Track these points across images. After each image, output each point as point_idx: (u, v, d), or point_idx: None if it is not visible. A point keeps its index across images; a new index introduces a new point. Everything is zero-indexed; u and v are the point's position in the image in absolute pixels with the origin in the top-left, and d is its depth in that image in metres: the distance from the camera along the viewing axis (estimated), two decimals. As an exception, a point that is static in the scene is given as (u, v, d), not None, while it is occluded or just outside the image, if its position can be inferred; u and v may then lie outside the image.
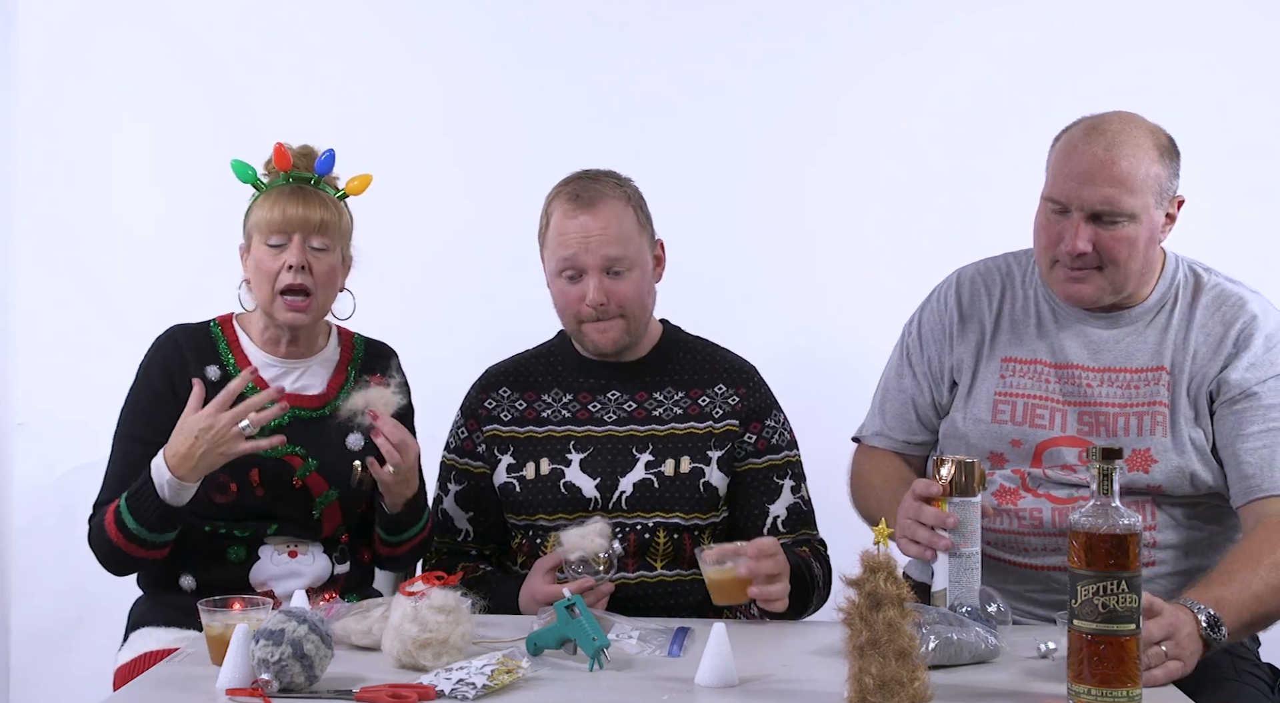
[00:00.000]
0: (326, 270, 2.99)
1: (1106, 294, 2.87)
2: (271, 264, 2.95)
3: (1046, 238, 2.88)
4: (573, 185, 3.12)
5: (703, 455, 3.10)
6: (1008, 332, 3.02)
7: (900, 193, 4.14)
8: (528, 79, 4.21)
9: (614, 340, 3.10)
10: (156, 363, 3.03)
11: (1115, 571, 2.19)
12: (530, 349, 3.30)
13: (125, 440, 3.00)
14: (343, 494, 3.00)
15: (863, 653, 2.13)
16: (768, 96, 4.19)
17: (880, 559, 2.16)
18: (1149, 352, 2.90)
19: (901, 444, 3.15)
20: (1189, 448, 2.83)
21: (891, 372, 3.19)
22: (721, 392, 3.16)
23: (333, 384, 3.09)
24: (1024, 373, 2.97)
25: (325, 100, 4.17)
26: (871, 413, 3.22)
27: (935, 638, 2.41)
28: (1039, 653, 2.50)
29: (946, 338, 3.08)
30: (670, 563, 3.05)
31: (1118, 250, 2.81)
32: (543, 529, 3.09)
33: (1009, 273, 3.08)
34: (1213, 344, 2.86)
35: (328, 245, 2.98)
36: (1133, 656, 2.20)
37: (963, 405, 3.03)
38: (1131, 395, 2.88)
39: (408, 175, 4.09)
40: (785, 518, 3.13)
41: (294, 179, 3.00)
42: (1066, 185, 2.81)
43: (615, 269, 3.05)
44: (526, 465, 3.13)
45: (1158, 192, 2.82)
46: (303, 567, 3.00)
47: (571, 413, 3.15)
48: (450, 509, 3.19)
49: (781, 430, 3.18)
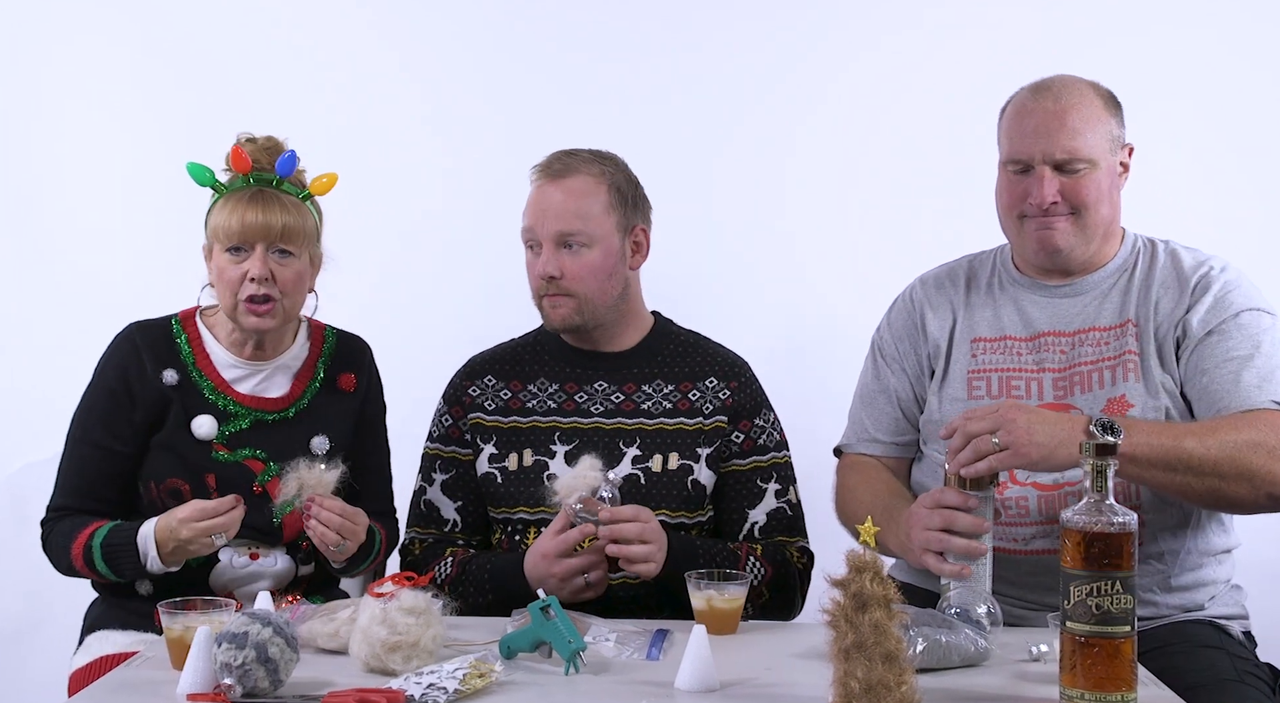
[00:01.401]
0: (292, 277, 2.97)
1: (1078, 244, 3.02)
2: (233, 273, 2.94)
3: (1010, 197, 3.04)
4: (551, 158, 3.16)
5: (691, 452, 3.11)
6: (976, 315, 3.14)
7: (889, 185, 4.16)
8: (506, 67, 4.22)
9: (563, 317, 3.11)
10: (113, 364, 3.03)
11: (1109, 571, 2.19)
12: (515, 338, 3.31)
13: (79, 445, 3.01)
14: None
15: (848, 656, 2.12)
16: (750, 85, 4.21)
17: (866, 559, 2.16)
18: (1114, 310, 3.04)
19: (889, 447, 3.19)
20: (1161, 391, 2.93)
21: (869, 376, 3.25)
22: (712, 386, 3.17)
23: (297, 385, 3.09)
24: (995, 350, 3.09)
25: (293, 86, 4.18)
26: (852, 423, 3.26)
27: (923, 640, 2.42)
28: (1030, 656, 2.50)
29: (919, 330, 3.19)
30: (651, 566, 3.07)
31: (1086, 194, 2.99)
32: (524, 523, 3.10)
33: (970, 267, 3.23)
34: (1173, 294, 3.00)
35: (293, 252, 2.96)
36: (1128, 659, 2.20)
37: (938, 389, 3.12)
38: (1103, 351, 3.00)
39: (380, 162, 4.11)
40: (764, 525, 3.13)
41: (254, 181, 2.97)
42: (1025, 142, 3.00)
43: (568, 243, 3.07)
44: (509, 456, 3.14)
45: (1110, 138, 3.02)
46: (264, 569, 3.00)
47: (557, 404, 3.16)
48: (436, 499, 3.19)
49: (771, 431, 3.19)
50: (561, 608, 2.46)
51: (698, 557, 2.96)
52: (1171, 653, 2.79)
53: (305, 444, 3.04)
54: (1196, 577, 2.97)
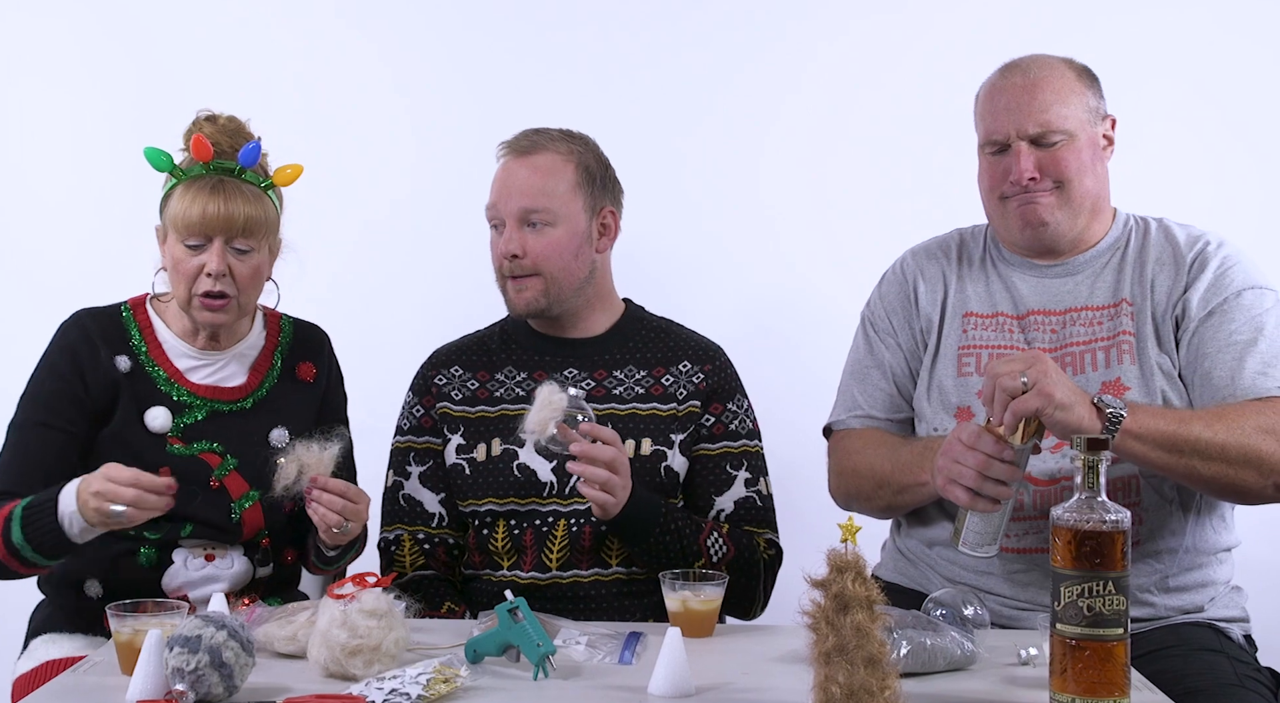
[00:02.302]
0: (250, 272, 2.95)
1: (1064, 218, 3.03)
2: (188, 265, 2.91)
3: (990, 178, 3.06)
4: (518, 136, 3.17)
5: (665, 438, 3.11)
6: (968, 288, 3.15)
7: (869, 164, 4.14)
8: (474, 45, 4.18)
9: (528, 301, 3.11)
10: (62, 349, 2.99)
11: (1101, 570, 2.18)
12: (482, 328, 3.32)
13: (24, 428, 2.96)
14: (265, 495, 2.96)
15: (829, 660, 2.11)
16: (726, 62, 4.18)
17: (848, 558, 2.14)
18: (1108, 290, 3.05)
19: (884, 423, 3.16)
20: (1156, 373, 2.93)
21: (860, 351, 3.23)
22: (686, 369, 3.17)
23: (255, 375, 3.07)
24: (986, 326, 3.10)
25: (251, 63, 4.14)
26: (843, 398, 3.24)
27: (907, 644, 2.41)
28: (1019, 659, 2.50)
29: (911, 303, 3.19)
30: (626, 560, 3.06)
31: (1066, 166, 3.01)
32: (493, 515, 3.09)
33: (960, 240, 3.24)
34: (1170, 272, 3.01)
35: (252, 247, 2.93)
36: (1121, 663, 2.19)
37: (929, 365, 3.12)
38: (1096, 331, 3.01)
39: (343, 144, 4.08)
40: (731, 513, 3.13)
41: (215, 170, 2.92)
42: (999, 121, 3.04)
43: (532, 221, 3.08)
44: (477, 447, 3.13)
45: (1087, 109, 3.04)
46: (220, 571, 2.97)
47: (526, 391, 3.14)
48: (416, 493, 3.18)
49: (743, 417, 3.18)
50: (530, 610, 2.44)
51: (659, 515, 2.98)
52: (1168, 656, 2.79)
53: (264, 436, 3.02)
54: (1195, 577, 2.96)
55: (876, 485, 3.07)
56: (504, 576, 3.08)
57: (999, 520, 2.69)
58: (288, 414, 3.07)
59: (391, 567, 3.14)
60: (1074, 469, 2.26)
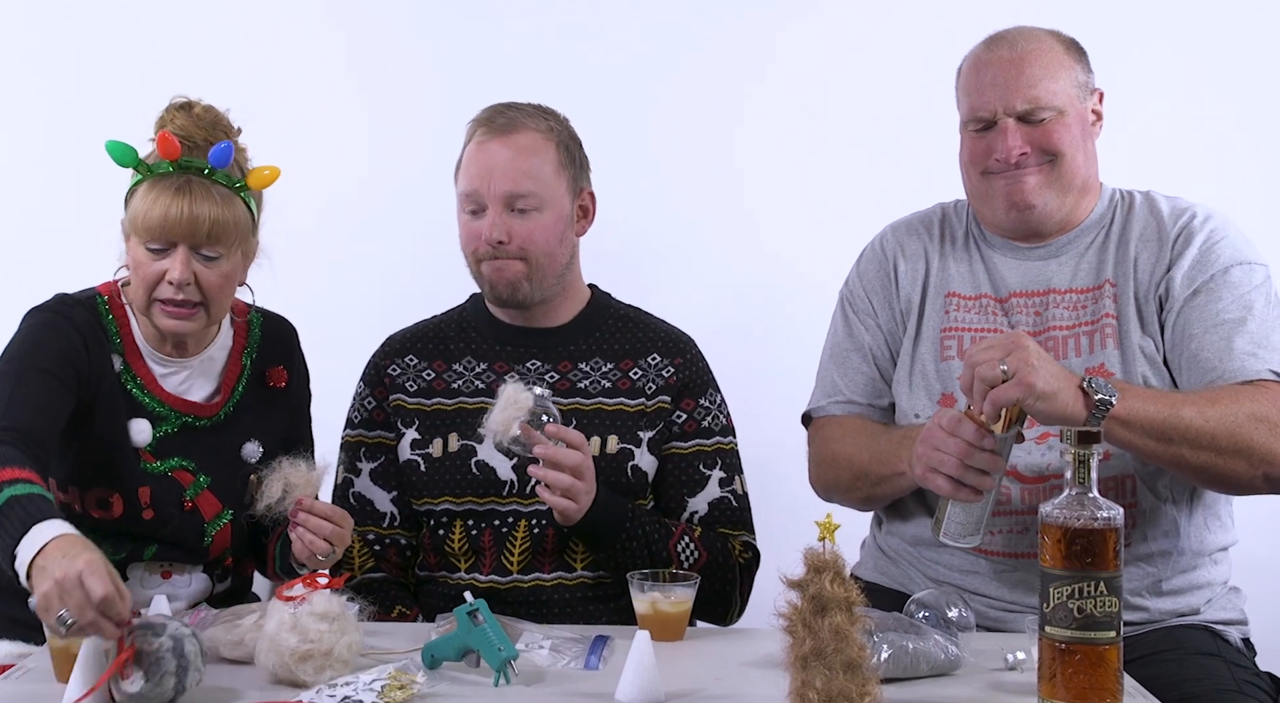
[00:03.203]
0: (218, 280, 2.84)
1: (1052, 198, 3.03)
2: (150, 269, 2.81)
3: (972, 155, 3.06)
4: (492, 111, 3.14)
5: (632, 435, 3.10)
6: (951, 267, 3.15)
7: (850, 142, 4.15)
8: (436, 21, 4.18)
9: (509, 280, 3.09)
10: (57, 320, 2.84)
11: (1092, 570, 2.20)
12: (439, 314, 3.31)
13: (25, 374, 2.74)
14: (236, 515, 2.94)
15: (806, 664, 2.13)
16: (696, 32, 4.20)
17: (825, 558, 2.15)
18: (1091, 271, 3.05)
19: (866, 409, 3.16)
20: (1139, 357, 2.94)
21: (839, 334, 3.23)
22: (655, 363, 3.17)
23: (227, 383, 3.01)
24: (969, 308, 3.10)
25: (212, 44, 4.14)
26: (822, 384, 3.24)
27: (888, 647, 2.41)
28: (1006, 664, 2.50)
29: (891, 282, 3.19)
30: (592, 563, 3.05)
31: (1058, 141, 3.00)
32: (449, 515, 3.09)
33: (943, 216, 3.25)
34: (1153, 249, 3.01)
35: (220, 253, 2.82)
36: (1112, 667, 2.20)
37: (910, 347, 3.13)
38: (1079, 315, 3.01)
39: (294, 117, 4.08)
40: (705, 515, 3.13)
41: (182, 167, 2.80)
42: (983, 96, 3.02)
43: (520, 206, 3.06)
44: (433, 442, 3.12)
45: (1076, 83, 3.04)
46: (178, 589, 2.94)
47: (486, 384, 3.14)
48: (367, 491, 3.16)
49: (717, 413, 3.18)
50: (491, 613, 2.44)
51: (625, 519, 2.98)
52: (1163, 661, 2.79)
53: (236, 452, 2.98)
54: (1190, 580, 2.96)
55: (854, 477, 3.08)
56: (461, 578, 3.07)
57: (981, 511, 2.70)
58: (260, 427, 3.02)
59: (340, 570, 3.11)
60: (1063, 464, 2.27)
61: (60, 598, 2.31)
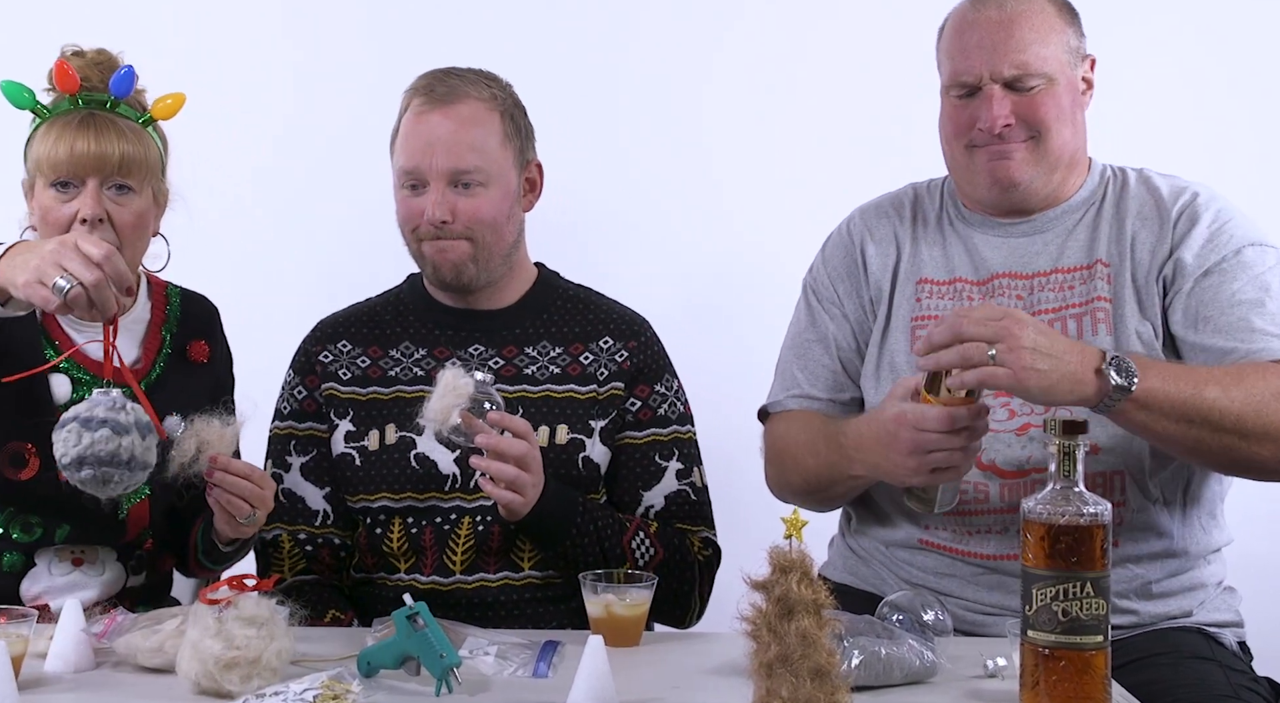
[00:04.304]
0: (132, 219, 2.90)
1: (1038, 175, 3.03)
2: (59, 213, 2.86)
3: (955, 125, 3.05)
4: (430, 79, 3.13)
5: (583, 425, 3.11)
6: (924, 252, 3.15)
7: (822, 111, 4.17)
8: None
9: (454, 263, 3.09)
10: None
11: (1078, 570, 2.20)
12: (374, 296, 3.30)
13: None
14: (156, 491, 2.94)
15: (771, 671, 2.13)
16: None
17: (792, 557, 2.16)
18: (1081, 249, 3.06)
19: (827, 404, 3.17)
20: (1135, 343, 2.94)
21: (801, 324, 3.24)
22: (607, 346, 3.17)
23: (148, 353, 3.02)
24: (943, 294, 3.11)
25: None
26: (781, 377, 3.24)
27: (859, 653, 2.41)
28: (985, 671, 2.50)
29: (859, 269, 3.20)
30: (541, 562, 3.05)
31: (1045, 113, 2.99)
32: (387, 512, 3.08)
33: (915, 197, 3.25)
34: (1153, 228, 3.02)
35: (132, 186, 2.88)
36: (1100, 674, 2.21)
37: (879, 338, 3.13)
38: (1067, 297, 3.02)
39: (218, 74, 4.06)
40: (661, 510, 3.13)
41: (84, 103, 2.88)
42: (968, 60, 3.01)
43: (464, 182, 3.05)
44: (369, 434, 3.12)
45: (1068, 49, 3.03)
46: (89, 578, 2.94)
47: (425, 371, 3.14)
48: (297, 488, 3.16)
49: (674, 400, 3.19)
50: (432, 617, 2.44)
51: (576, 514, 2.99)
52: (1154, 666, 2.80)
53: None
54: (1183, 582, 2.97)
55: (805, 481, 3.09)
56: (400, 580, 3.07)
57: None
58: (181, 400, 3.01)
59: (269, 571, 3.12)
60: (1046, 457, 2.28)
61: (57, 265, 2.43)
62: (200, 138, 3.13)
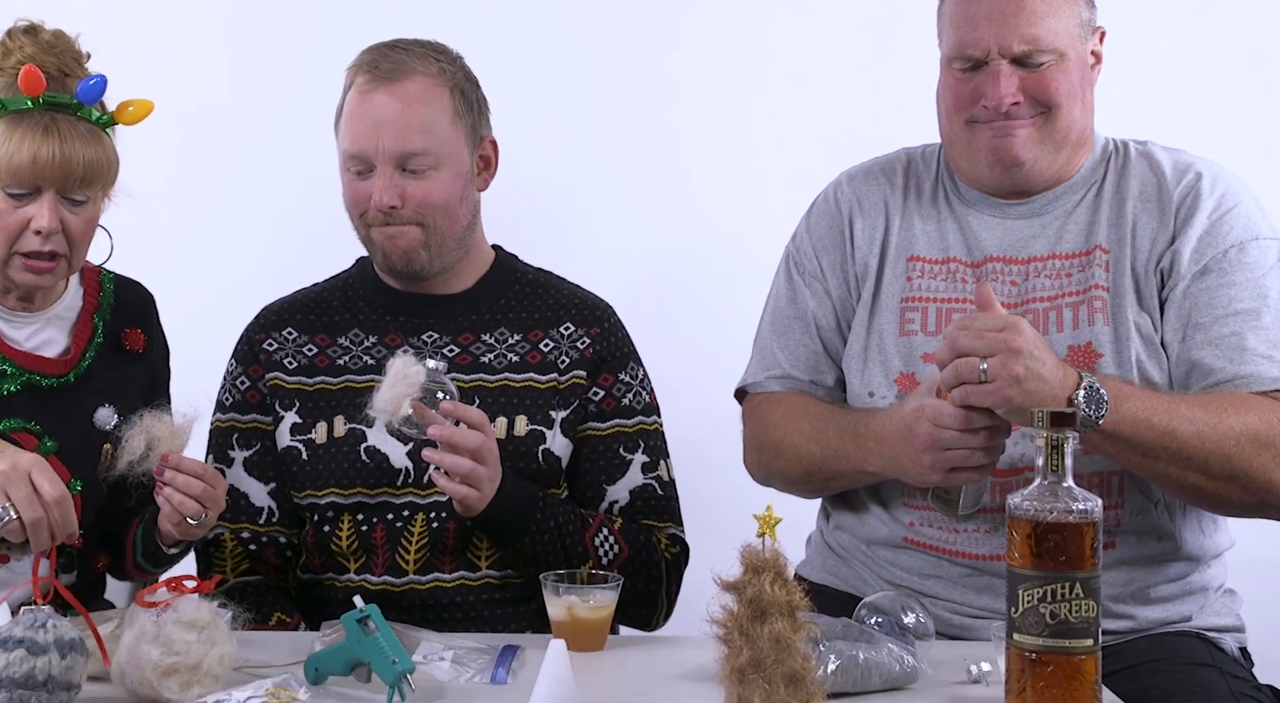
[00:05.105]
0: (84, 227, 2.88)
1: (1043, 155, 3.01)
2: (10, 219, 2.82)
3: (956, 99, 3.02)
4: (374, 54, 3.12)
5: (543, 416, 3.11)
6: (916, 226, 3.14)
7: (804, 76, 4.17)
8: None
9: (404, 250, 3.09)
10: None
11: (1067, 570, 2.20)
12: (321, 281, 3.30)
13: None
14: (87, 487, 2.92)
15: (743, 677, 2.14)
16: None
17: (765, 556, 2.16)
18: (1080, 233, 3.04)
19: (808, 386, 3.16)
20: (1133, 336, 2.92)
21: (781, 299, 3.23)
22: (569, 333, 3.17)
23: (77, 343, 3.00)
24: (935, 274, 3.09)
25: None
26: (760, 356, 3.23)
27: (836, 658, 2.42)
28: (969, 676, 2.51)
29: (845, 241, 3.18)
30: (500, 561, 3.05)
31: (1056, 90, 2.97)
32: (336, 509, 3.08)
33: (909, 164, 3.23)
34: (1154, 213, 3.00)
35: (89, 196, 2.85)
36: (1090, 680, 2.21)
37: (866, 318, 3.11)
38: (1064, 284, 3.00)
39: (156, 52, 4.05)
40: (626, 505, 3.14)
41: (48, 105, 2.81)
42: (975, 32, 2.96)
43: (412, 166, 3.05)
44: (316, 426, 3.13)
45: (1079, 22, 2.99)
46: (14, 576, 2.90)
47: (375, 360, 3.13)
48: (240, 484, 3.15)
49: (639, 390, 3.19)
50: (384, 620, 2.43)
51: (535, 510, 2.99)
52: (1149, 672, 2.80)
53: (88, 417, 2.97)
54: (1182, 586, 2.97)
55: (805, 470, 3.08)
56: (350, 580, 3.07)
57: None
58: (115, 392, 3.01)
59: (210, 572, 3.12)
60: (1035, 451, 2.28)
61: (1, 490, 2.45)
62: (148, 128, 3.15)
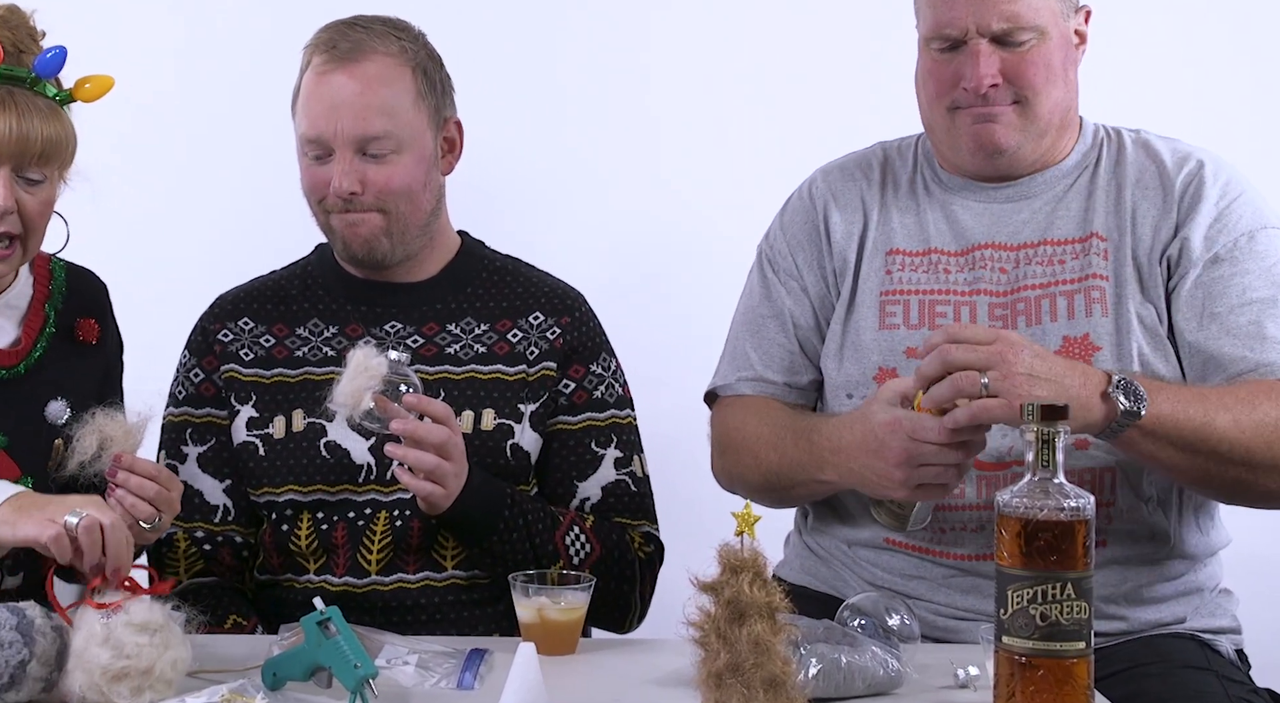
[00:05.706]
0: (41, 208, 2.85)
1: (1025, 140, 3.01)
2: None
3: (937, 83, 3.02)
4: (332, 32, 3.11)
5: (512, 409, 3.11)
6: (894, 219, 3.14)
7: (783, 61, 4.17)
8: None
9: (365, 238, 3.08)
10: None
11: (1058, 570, 2.20)
12: (279, 269, 3.29)
13: None
14: (37, 484, 2.89)
15: (720, 681, 2.14)
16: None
17: (744, 556, 2.16)
18: (1074, 219, 3.04)
19: (782, 389, 3.16)
20: (1135, 328, 2.92)
21: (755, 297, 3.23)
22: (538, 323, 3.17)
23: (28, 333, 2.98)
24: (916, 266, 3.09)
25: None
26: (732, 357, 3.23)
27: (817, 661, 2.42)
28: (956, 681, 2.51)
29: (821, 237, 3.18)
30: (466, 560, 3.05)
31: (1034, 74, 2.96)
32: (295, 507, 3.08)
33: (885, 158, 3.23)
34: (1155, 200, 3.00)
35: (46, 175, 2.84)
36: (1082, 684, 2.21)
37: (843, 315, 3.11)
38: (1058, 272, 3.00)
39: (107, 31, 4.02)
40: (598, 502, 3.14)
41: (3, 77, 2.78)
42: (954, 9, 2.96)
43: (373, 151, 3.04)
44: (274, 420, 3.12)
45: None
46: None
47: (336, 351, 3.13)
48: (194, 481, 3.14)
49: (611, 382, 3.19)
50: (345, 623, 2.42)
51: (503, 507, 2.99)
52: (1143, 676, 2.80)
53: (39, 410, 2.95)
54: (1176, 586, 2.97)
55: (764, 479, 3.08)
56: (310, 581, 3.07)
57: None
58: (67, 384, 2.99)
59: (163, 573, 3.10)
60: (1025, 446, 2.28)
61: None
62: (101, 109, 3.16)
